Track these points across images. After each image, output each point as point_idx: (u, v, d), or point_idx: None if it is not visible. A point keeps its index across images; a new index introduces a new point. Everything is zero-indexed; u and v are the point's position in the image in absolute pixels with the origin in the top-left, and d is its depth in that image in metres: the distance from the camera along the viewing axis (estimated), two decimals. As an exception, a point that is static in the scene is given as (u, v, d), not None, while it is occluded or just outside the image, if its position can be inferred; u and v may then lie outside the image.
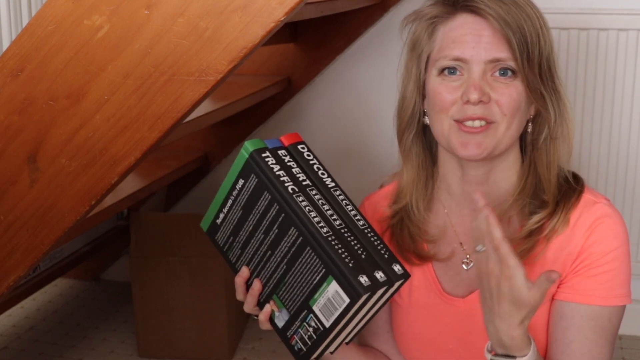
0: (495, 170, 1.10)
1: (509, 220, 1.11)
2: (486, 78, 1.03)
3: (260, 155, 0.98)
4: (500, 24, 1.01)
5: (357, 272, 0.92)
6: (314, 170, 1.01)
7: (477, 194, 0.95)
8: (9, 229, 1.49)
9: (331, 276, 0.93)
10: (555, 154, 1.09)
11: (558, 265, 1.07)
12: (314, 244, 0.94)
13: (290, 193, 0.96)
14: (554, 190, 1.08)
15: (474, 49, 1.03)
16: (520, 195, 1.09)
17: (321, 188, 1.00)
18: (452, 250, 1.14)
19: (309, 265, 0.95)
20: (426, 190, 1.15)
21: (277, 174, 0.97)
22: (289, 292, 0.99)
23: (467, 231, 1.14)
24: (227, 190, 1.02)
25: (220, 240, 1.06)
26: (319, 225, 0.94)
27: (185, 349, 2.23)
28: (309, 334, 0.98)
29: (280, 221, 0.96)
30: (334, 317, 0.94)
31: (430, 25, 1.07)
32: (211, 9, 1.28)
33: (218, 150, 2.51)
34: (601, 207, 1.07)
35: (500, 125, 1.04)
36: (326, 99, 2.42)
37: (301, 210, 0.95)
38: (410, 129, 1.13)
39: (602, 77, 2.18)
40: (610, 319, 1.06)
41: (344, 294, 0.92)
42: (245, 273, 1.03)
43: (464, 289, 1.13)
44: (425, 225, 1.15)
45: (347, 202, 1.00)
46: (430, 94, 1.07)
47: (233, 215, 1.02)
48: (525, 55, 1.02)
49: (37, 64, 1.38)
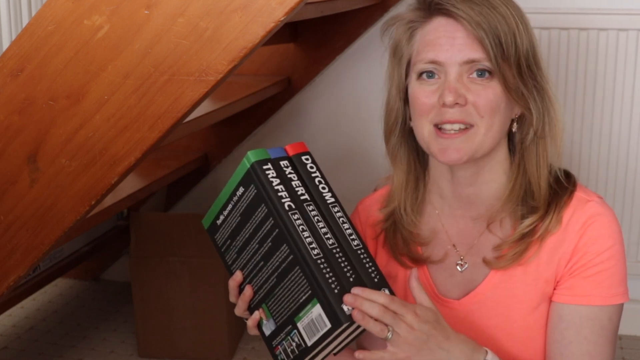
0: (483, 170, 1.10)
1: (501, 222, 1.10)
2: (462, 80, 1.03)
3: (262, 167, 0.98)
4: (472, 26, 1.01)
5: (341, 300, 0.92)
6: (315, 184, 1.00)
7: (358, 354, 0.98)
8: (9, 229, 1.49)
9: (316, 299, 0.93)
10: (544, 153, 1.09)
11: (552, 266, 1.07)
12: (303, 264, 0.94)
13: (286, 210, 0.96)
14: (544, 193, 1.08)
15: (448, 52, 1.03)
16: (510, 197, 1.09)
17: (319, 203, 0.99)
18: (446, 252, 1.14)
19: (296, 284, 0.96)
20: (416, 192, 1.15)
21: (276, 189, 0.97)
22: (277, 304, 1.00)
23: (460, 233, 1.14)
24: (229, 194, 1.03)
25: (219, 241, 1.07)
26: (310, 246, 0.94)
27: (185, 349, 2.23)
28: (292, 348, 0.99)
29: (274, 235, 0.97)
30: (315, 337, 0.95)
31: (408, 29, 1.08)
32: (211, 9, 1.28)
33: (218, 150, 2.51)
34: (593, 205, 1.07)
35: (480, 129, 1.04)
36: (326, 99, 2.42)
37: (294, 229, 0.95)
38: (395, 132, 1.13)
39: (602, 77, 2.18)
40: (610, 318, 1.06)
41: (326, 319, 0.93)
42: (238, 277, 1.04)
43: (459, 290, 1.12)
44: (416, 228, 1.15)
45: (344, 219, 0.99)
46: (411, 99, 1.08)
47: (232, 219, 1.03)
48: (500, 55, 1.02)
49: (37, 64, 1.38)
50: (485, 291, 1.10)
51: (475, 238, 1.12)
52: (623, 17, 2.14)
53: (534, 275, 1.08)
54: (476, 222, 1.12)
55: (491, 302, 1.09)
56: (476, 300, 1.10)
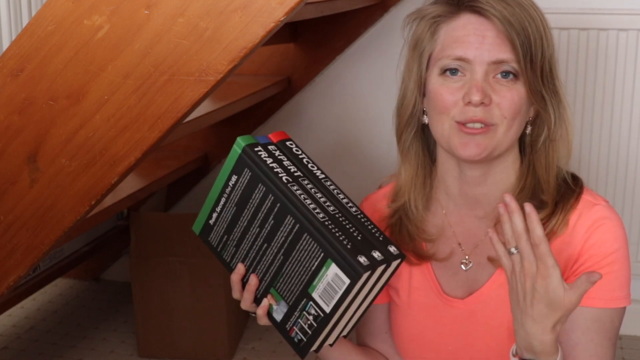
0: (494, 171, 1.10)
1: None
2: (488, 80, 1.03)
3: (253, 149, 1.01)
4: (504, 25, 1.01)
5: (356, 253, 0.94)
6: (304, 163, 1.04)
7: (507, 196, 0.95)
8: (9, 229, 1.49)
9: (330, 259, 0.94)
10: (554, 156, 1.09)
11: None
12: (312, 229, 0.95)
13: (285, 183, 0.98)
14: (553, 192, 1.08)
15: (477, 50, 1.02)
16: (519, 196, 1.09)
17: (312, 179, 1.02)
18: (451, 251, 1.14)
19: (306, 252, 0.96)
20: (424, 189, 1.15)
21: (271, 166, 1.00)
22: (286, 283, 1.00)
23: (466, 231, 1.14)
24: (220, 189, 1.04)
25: (213, 241, 1.07)
26: (315, 211, 0.96)
27: (185, 349, 2.23)
28: (309, 323, 0.99)
29: (275, 211, 0.98)
30: (334, 300, 0.95)
31: (433, 24, 1.07)
32: (211, 9, 1.28)
33: (218, 150, 2.51)
34: (600, 209, 1.08)
35: (500, 128, 1.04)
36: (326, 99, 2.42)
37: (297, 198, 0.97)
38: (409, 127, 1.13)
39: (602, 77, 2.18)
40: (612, 320, 1.06)
41: (344, 275, 0.94)
42: (241, 270, 1.04)
43: (463, 290, 1.13)
44: (423, 225, 1.15)
45: (338, 191, 1.02)
46: (431, 95, 1.07)
47: (226, 213, 1.04)
48: (529, 58, 1.02)
49: (37, 64, 1.38)
50: (490, 291, 1.10)
51: (480, 237, 1.13)
52: (623, 17, 2.14)
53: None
54: (482, 222, 1.13)
55: (495, 302, 1.09)
56: (481, 300, 1.10)
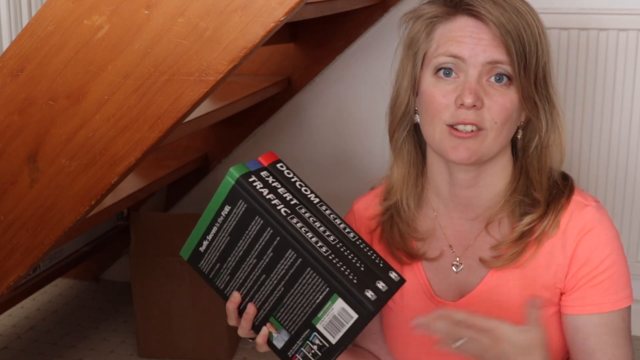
0: (485, 174, 1.10)
1: (499, 222, 1.10)
2: (482, 82, 1.03)
3: (248, 180, 0.98)
4: (500, 30, 1.01)
5: (363, 288, 0.93)
6: (297, 187, 1.01)
7: (415, 322, 0.97)
8: (9, 229, 1.49)
9: (336, 294, 0.93)
10: (547, 161, 1.09)
11: (551, 271, 1.07)
12: (315, 264, 0.94)
13: (284, 216, 0.96)
14: (545, 192, 1.08)
15: (473, 50, 1.02)
16: (510, 198, 1.09)
17: (309, 206, 1.00)
18: (441, 251, 1.14)
19: (310, 286, 0.95)
20: (416, 187, 1.15)
21: (268, 198, 0.97)
22: (288, 313, 0.98)
23: (456, 234, 1.14)
24: (211, 217, 1.01)
25: (205, 268, 1.04)
26: (317, 245, 0.95)
27: (185, 349, 2.23)
28: (313, 352, 0.98)
29: (275, 245, 0.96)
30: (340, 333, 0.94)
31: (429, 24, 1.07)
32: (211, 9, 1.28)
33: (218, 150, 2.51)
34: (591, 210, 1.07)
35: (490, 133, 1.03)
36: (326, 99, 2.42)
37: (297, 232, 0.95)
38: (402, 126, 1.13)
39: (602, 77, 2.18)
40: (623, 319, 1.07)
41: (351, 311, 0.93)
42: (237, 298, 1.02)
43: (455, 292, 1.12)
44: (415, 223, 1.15)
45: (334, 216, 1.00)
46: (424, 95, 1.07)
47: (219, 242, 1.01)
48: (523, 64, 1.02)
49: (37, 64, 1.38)
50: (482, 294, 1.10)
51: (471, 239, 1.12)
52: (623, 17, 2.14)
53: (531, 279, 1.08)
54: (473, 224, 1.12)
55: (487, 305, 1.09)
56: (472, 303, 1.10)
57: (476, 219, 1.12)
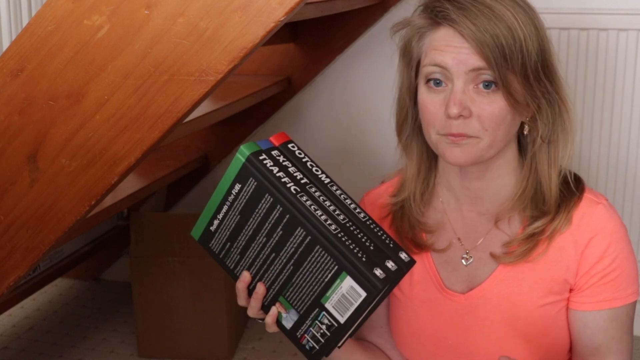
0: (492, 167, 1.10)
1: (509, 219, 1.11)
2: (468, 91, 1.03)
3: (258, 158, 0.98)
4: (476, 43, 1.01)
5: (371, 266, 0.93)
6: (308, 167, 1.01)
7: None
8: (9, 229, 1.49)
9: (345, 272, 0.93)
10: (555, 154, 1.09)
11: (562, 265, 1.09)
12: (324, 242, 0.94)
13: (294, 194, 0.96)
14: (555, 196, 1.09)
15: (454, 59, 1.02)
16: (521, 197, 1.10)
17: (319, 185, 1.00)
18: (450, 244, 1.15)
19: (319, 264, 0.95)
20: (427, 182, 1.17)
21: (278, 176, 0.97)
22: (297, 292, 0.98)
23: (466, 227, 1.15)
24: (222, 196, 1.01)
25: (215, 247, 1.05)
26: (326, 223, 0.95)
27: (185, 349, 2.23)
28: (322, 332, 0.98)
29: (284, 223, 0.96)
30: (349, 312, 0.95)
31: (417, 33, 1.08)
32: (211, 9, 1.28)
33: (218, 150, 2.51)
34: (602, 208, 1.09)
35: (482, 141, 1.04)
36: (326, 99, 2.42)
37: (307, 210, 0.95)
38: (406, 128, 1.14)
39: (602, 77, 2.18)
40: (627, 313, 1.11)
41: (360, 289, 0.93)
42: (247, 278, 1.02)
43: (464, 284, 1.13)
44: (424, 218, 1.16)
45: (344, 196, 1.00)
46: (420, 105, 1.08)
47: (229, 220, 1.01)
48: (506, 70, 1.01)
49: (37, 64, 1.38)
50: (492, 287, 1.11)
51: (481, 233, 1.13)
52: (623, 17, 2.14)
53: (542, 274, 1.09)
54: (482, 218, 1.13)
55: (497, 298, 1.10)
56: (482, 295, 1.11)
57: (486, 213, 1.13)
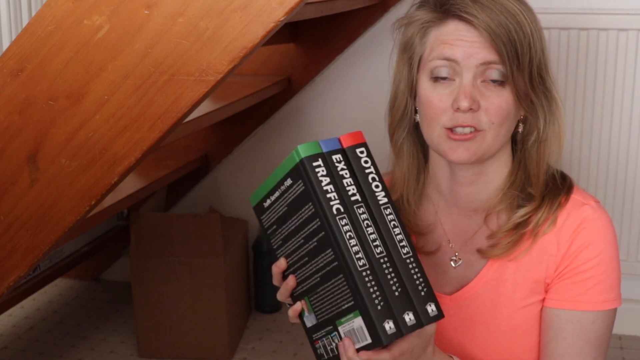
0: (486, 171, 1.11)
1: (497, 214, 1.12)
2: (476, 84, 1.03)
3: (311, 163, 0.92)
4: (489, 35, 1.01)
5: (384, 317, 0.88)
6: (368, 181, 0.94)
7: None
8: (9, 229, 1.49)
9: (358, 311, 0.90)
10: (545, 153, 1.10)
11: (542, 266, 1.08)
12: (347, 274, 0.90)
13: (334, 214, 0.90)
14: (541, 186, 1.09)
15: (465, 52, 1.03)
16: (508, 191, 1.10)
17: (371, 205, 0.93)
18: (439, 246, 1.15)
19: (339, 291, 0.92)
20: (417, 185, 1.16)
21: (325, 189, 0.91)
22: (319, 301, 0.97)
23: (455, 229, 1.15)
24: (277, 181, 0.97)
25: (265, 223, 1.03)
26: (356, 255, 0.89)
27: (185, 349, 2.23)
28: (332, 348, 0.98)
29: (319, 237, 0.92)
30: (356, 345, 0.93)
31: (421, 28, 1.08)
32: (211, 9, 1.28)
33: (218, 150, 2.51)
34: (588, 209, 1.08)
35: (488, 134, 1.04)
36: (326, 99, 2.42)
37: (341, 236, 0.90)
38: (401, 126, 1.14)
39: (602, 77, 2.18)
40: (594, 322, 1.07)
41: (367, 334, 0.90)
42: (283, 265, 1.02)
43: (451, 286, 1.14)
44: (415, 219, 1.16)
45: (395, 222, 0.93)
46: (422, 99, 1.08)
47: (278, 207, 0.99)
48: (516, 64, 1.02)
49: (37, 64, 1.38)
50: (477, 288, 1.11)
51: (470, 234, 1.14)
52: (623, 17, 2.14)
53: (525, 275, 1.09)
54: (472, 218, 1.14)
55: (481, 299, 1.11)
56: (467, 297, 1.12)
57: (475, 213, 1.13)
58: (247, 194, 1.06)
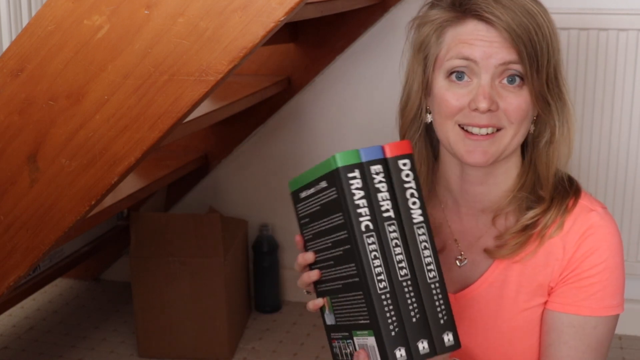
0: (496, 172, 1.10)
1: (506, 215, 1.12)
2: (494, 85, 1.03)
3: (347, 174, 0.88)
4: (511, 36, 1.01)
5: (397, 344, 0.87)
6: (406, 197, 0.90)
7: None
8: (9, 229, 1.49)
9: (372, 332, 0.89)
10: (554, 154, 1.10)
11: (548, 270, 1.08)
12: (366, 294, 0.88)
13: (362, 231, 0.88)
14: (551, 188, 1.09)
15: (485, 52, 1.02)
16: (518, 193, 1.10)
17: (404, 223, 0.90)
18: (445, 244, 1.15)
19: (358, 305, 0.91)
20: (426, 184, 1.16)
21: (356, 204, 0.88)
22: (339, 306, 0.96)
23: (463, 228, 1.15)
24: (314, 177, 0.95)
25: (300, 213, 1.02)
26: (377, 277, 0.87)
27: (185, 349, 2.23)
28: (346, 353, 0.98)
29: (345, 248, 0.91)
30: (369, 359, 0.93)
31: (438, 28, 1.07)
32: (211, 9, 1.28)
33: (218, 150, 2.51)
34: (595, 215, 1.08)
35: (508, 132, 1.04)
36: (326, 99, 2.42)
37: (365, 255, 0.88)
38: (414, 128, 1.14)
39: (602, 77, 2.18)
40: (595, 327, 1.07)
41: (379, 356, 0.89)
42: (310, 259, 1.01)
43: (455, 285, 1.14)
44: None
45: (426, 244, 0.90)
46: (437, 99, 1.07)
47: (313, 203, 0.97)
48: (535, 66, 1.02)
49: (37, 64, 1.38)
50: (481, 288, 1.11)
51: (477, 235, 1.14)
52: (623, 17, 2.14)
53: (530, 277, 1.09)
54: (480, 218, 1.14)
55: (484, 300, 1.11)
56: (471, 297, 1.12)
57: (483, 213, 1.13)
58: (247, 194, 1.06)
